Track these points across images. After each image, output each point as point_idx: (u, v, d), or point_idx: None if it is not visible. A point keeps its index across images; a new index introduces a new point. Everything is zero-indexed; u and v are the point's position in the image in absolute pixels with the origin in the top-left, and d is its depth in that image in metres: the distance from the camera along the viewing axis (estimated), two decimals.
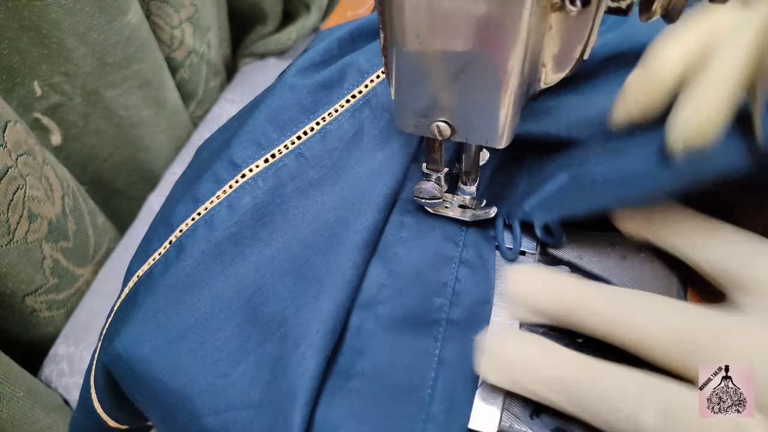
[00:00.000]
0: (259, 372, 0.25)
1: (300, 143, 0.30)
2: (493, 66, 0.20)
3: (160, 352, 0.26)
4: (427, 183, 0.28)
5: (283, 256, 0.28)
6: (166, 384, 0.25)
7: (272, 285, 0.27)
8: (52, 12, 0.35)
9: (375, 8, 0.22)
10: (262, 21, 0.59)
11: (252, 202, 0.28)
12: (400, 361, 0.25)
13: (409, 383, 0.25)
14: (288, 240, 0.28)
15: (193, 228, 0.28)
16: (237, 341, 0.26)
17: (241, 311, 0.27)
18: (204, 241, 0.28)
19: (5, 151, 0.32)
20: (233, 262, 0.27)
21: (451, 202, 0.29)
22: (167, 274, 0.27)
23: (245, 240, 0.28)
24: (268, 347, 0.25)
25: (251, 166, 0.29)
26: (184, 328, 0.26)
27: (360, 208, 0.28)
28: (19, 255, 0.35)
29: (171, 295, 0.27)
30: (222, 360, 0.25)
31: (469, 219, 0.29)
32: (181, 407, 0.25)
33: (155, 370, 0.25)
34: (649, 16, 0.20)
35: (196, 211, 0.29)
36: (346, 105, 0.30)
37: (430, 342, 0.26)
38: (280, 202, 0.29)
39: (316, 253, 0.27)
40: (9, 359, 0.33)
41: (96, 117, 0.44)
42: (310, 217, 0.28)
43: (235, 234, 0.28)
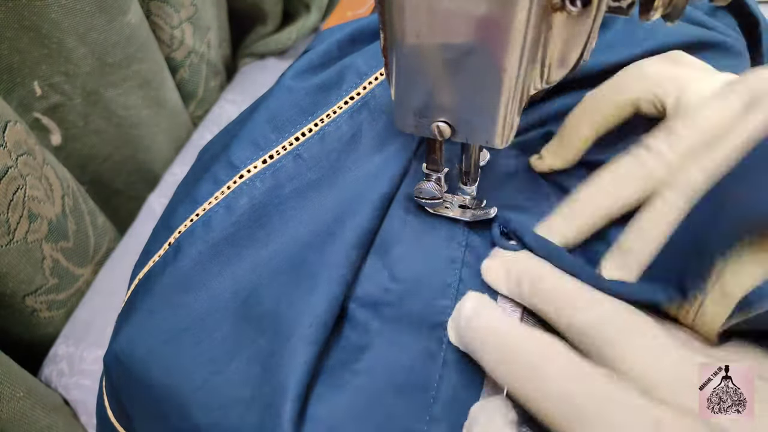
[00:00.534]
0: (251, 368, 0.25)
1: (298, 144, 0.30)
2: (494, 66, 0.20)
3: (155, 353, 0.26)
4: (428, 183, 0.28)
5: (280, 257, 0.28)
6: (159, 383, 0.25)
7: (268, 285, 0.27)
8: (52, 12, 0.35)
9: (375, 8, 0.22)
10: (262, 21, 0.59)
11: (249, 203, 0.28)
12: (404, 361, 0.25)
13: (413, 384, 0.24)
14: (285, 241, 0.28)
15: (191, 229, 0.28)
16: (231, 339, 0.26)
17: (237, 311, 0.27)
18: (201, 242, 0.28)
19: (5, 151, 0.32)
20: (230, 263, 0.27)
21: (452, 202, 0.30)
22: (164, 275, 0.27)
23: (242, 241, 0.28)
24: (261, 343, 0.25)
25: (249, 167, 0.29)
26: (179, 329, 0.26)
27: (356, 208, 0.28)
28: (19, 255, 0.35)
29: (168, 296, 0.27)
30: (216, 358, 0.25)
31: (469, 219, 0.29)
32: (174, 406, 0.25)
33: (150, 371, 0.25)
34: (649, 16, 0.20)
35: (195, 212, 0.29)
36: (345, 107, 0.30)
37: (434, 344, 0.26)
38: (277, 203, 0.29)
39: (312, 252, 0.27)
40: (9, 359, 0.33)
41: (96, 117, 0.44)
42: (308, 218, 0.29)
43: (233, 235, 0.28)
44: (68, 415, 0.38)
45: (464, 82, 0.22)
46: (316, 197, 0.29)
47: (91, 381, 0.39)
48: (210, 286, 0.27)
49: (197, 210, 0.29)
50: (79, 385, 0.39)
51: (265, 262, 0.28)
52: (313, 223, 0.28)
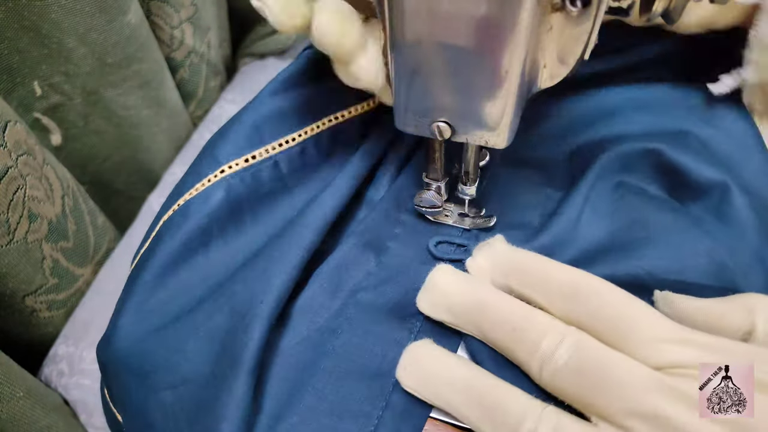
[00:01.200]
0: (212, 346, 0.26)
1: (280, 150, 0.31)
2: (493, 66, 0.20)
3: (126, 339, 0.27)
4: (428, 192, 0.28)
5: (247, 250, 0.29)
6: (128, 365, 0.26)
7: (233, 274, 0.28)
8: (52, 12, 0.35)
9: (376, 9, 0.22)
10: (262, 21, 0.59)
11: (226, 198, 0.30)
12: (371, 347, 0.26)
13: (376, 370, 0.25)
14: (253, 238, 0.30)
15: (170, 218, 0.30)
16: (194, 319, 0.27)
17: (203, 296, 0.28)
18: (177, 229, 0.29)
19: (5, 151, 0.32)
20: (198, 253, 0.29)
21: (451, 210, 0.30)
22: (144, 270, 0.29)
23: (214, 232, 0.29)
24: (218, 320, 0.26)
25: (231, 164, 0.30)
26: (149, 312, 0.28)
27: (322, 198, 0.29)
28: (19, 255, 0.35)
29: (144, 289, 0.28)
30: (179, 337, 0.26)
31: (468, 227, 0.29)
32: (140, 384, 0.26)
33: (120, 356, 0.27)
34: (650, 16, 0.20)
35: (177, 203, 0.30)
36: (329, 124, 0.32)
37: (404, 333, 0.26)
38: (253, 201, 0.30)
39: (276, 241, 0.28)
40: (9, 359, 0.33)
41: (96, 117, 0.44)
42: (277, 220, 0.30)
43: (206, 225, 0.29)
44: (68, 415, 0.38)
45: (464, 82, 0.22)
46: (288, 200, 0.31)
47: (90, 381, 0.39)
48: (179, 274, 0.28)
49: (179, 200, 0.30)
50: (79, 385, 0.39)
51: (232, 255, 0.29)
52: (283, 222, 0.30)
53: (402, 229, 0.30)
